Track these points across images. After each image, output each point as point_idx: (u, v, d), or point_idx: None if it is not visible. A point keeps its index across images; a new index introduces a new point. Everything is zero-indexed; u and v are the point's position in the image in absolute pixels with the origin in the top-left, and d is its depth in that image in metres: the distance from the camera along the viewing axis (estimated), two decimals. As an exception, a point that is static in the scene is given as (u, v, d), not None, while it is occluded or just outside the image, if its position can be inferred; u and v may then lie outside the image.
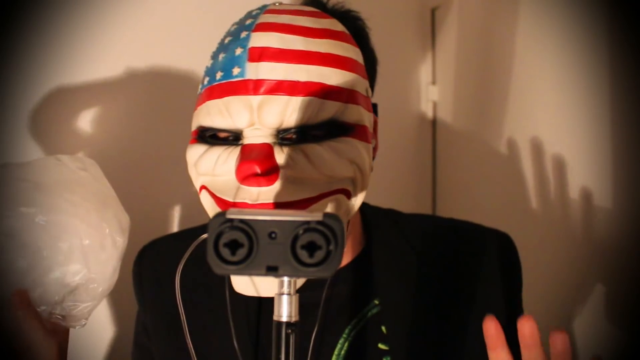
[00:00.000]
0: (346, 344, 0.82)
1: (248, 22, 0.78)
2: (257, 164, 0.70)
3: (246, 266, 0.54)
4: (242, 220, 0.54)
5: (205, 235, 0.56)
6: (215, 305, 0.84)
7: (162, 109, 1.14)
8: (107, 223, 0.77)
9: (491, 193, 1.26)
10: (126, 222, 0.81)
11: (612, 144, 0.94)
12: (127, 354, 0.97)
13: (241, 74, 0.74)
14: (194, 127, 0.80)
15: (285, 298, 0.57)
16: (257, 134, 0.73)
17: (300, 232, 0.54)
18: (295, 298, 0.58)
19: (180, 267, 0.67)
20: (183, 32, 1.13)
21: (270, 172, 0.71)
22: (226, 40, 0.78)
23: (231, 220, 0.54)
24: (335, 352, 0.82)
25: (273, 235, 0.54)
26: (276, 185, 0.72)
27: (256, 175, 0.70)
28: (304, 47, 0.75)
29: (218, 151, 0.75)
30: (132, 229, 0.82)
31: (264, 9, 0.80)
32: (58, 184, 0.77)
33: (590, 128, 0.98)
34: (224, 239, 0.54)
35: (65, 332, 0.78)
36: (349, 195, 0.77)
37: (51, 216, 0.74)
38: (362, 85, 0.79)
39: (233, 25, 0.81)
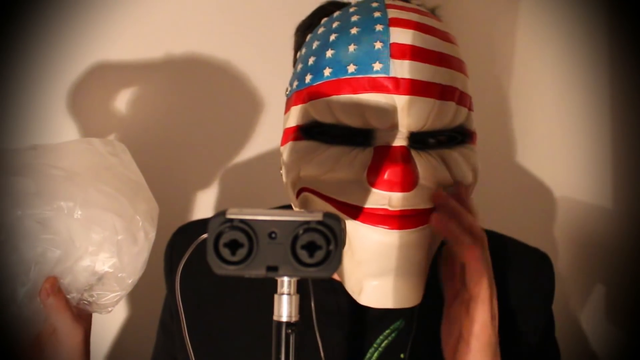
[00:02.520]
0: (375, 354, 0.81)
1: (376, 14, 0.73)
2: (402, 168, 0.66)
3: (246, 266, 0.54)
4: (242, 220, 0.54)
5: (205, 235, 0.56)
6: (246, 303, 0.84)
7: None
8: (140, 215, 0.77)
9: (490, 193, 1.26)
10: (155, 211, 0.81)
11: (612, 144, 0.94)
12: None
13: (384, 70, 0.68)
14: (297, 123, 0.74)
15: (285, 298, 0.57)
16: (395, 136, 0.69)
17: (300, 232, 0.54)
18: (295, 298, 0.57)
19: (181, 266, 0.66)
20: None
21: (412, 177, 0.67)
22: (353, 31, 0.72)
23: (231, 220, 0.54)
24: None
25: (273, 235, 0.54)
26: (414, 192, 0.68)
27: (396, 179, 0.66)
28: (443, 49, 0.72)
29: (340, 151, 0.70)
30: (159, 215, 0.82)
31: (382, 2, 0.75)
32: (89, 172, 0.77)
33: (590, 128, 0.98)
34: (223, 239, 0.53)
35: (89, 317, 0.81)
36: None
37: (87, 209, 0.74)
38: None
39: (350, 14, 0.75)
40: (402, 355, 0.81)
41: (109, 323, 1.09)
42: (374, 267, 0.70)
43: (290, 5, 0.99)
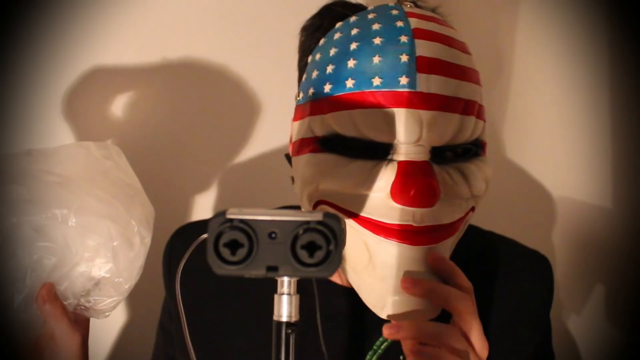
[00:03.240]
0: (375, 357, 0.81)
1: (399, 24, 0.72)
2: (427, 184, 0.66)
3: (246, 266, 0.53)
4: (242, 220, 0.54)
5: (205, 235, 0.56)
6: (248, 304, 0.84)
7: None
8: (135, 220, 0.77)
9: (490, 193, 1.26)
10: (151, 215, 0.81)
11: (612, 143, 0.94)
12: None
13: (411, 84, 0.68)
14: (315, 134, 0.73)
15: (285, 298, 0.57)
16: (417, 151, 0.68)
17: (300, 232, 0.53)
18: (295, 298, 0.57)
19: (181, 266, 0.66)
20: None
21: (437, 192, 0.67)
22: (376, 41, 0.71)
23: (231, 220, 0.54)
24: None
25: (273, 235, 0.54)
26: (436, 206, 0.68)
27: (422, 195, 0.66)
28: (464, 62, 0.72)
29: (362, 165, 0.69)
30: (154, 218, 0.82)
31: (401, 9, 0.75)
32: (84, 177, 0.77)
33: (590, 128, 0.98)
34: (223, 239, 0.53)
35: (87, 321, 0.81)
36: (473, 211, 0.76)
37: (81, 217, 0.74)
38: None
39: (370, 22, 0.73)
40: (401, 358, 0.80)
41: (107, 327, 1.09)
42: (398, 283, 0.70)
43: (288, 8, 0.99)
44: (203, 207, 1.11)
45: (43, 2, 1.00)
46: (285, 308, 0.57)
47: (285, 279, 0.57)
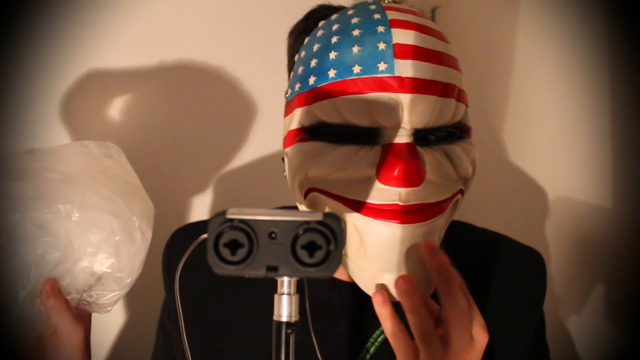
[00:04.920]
0: (372, 348, 0.82)
1: (376, 16, 0.75)
2: (411, 164, 0.68)
3: (246, 266, 0.54)
4: (242, 220, 0.54)
5: (205, 235, 0.56)
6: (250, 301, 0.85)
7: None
8: (136, 216, 0.78)
9: (490, 192, 1.26)
10: (151, 211, 0.82)
11: (612, 144, 0.94)
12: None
13: (389, 69, 0.70)
14: (301, 124, 0.75)
15: (285, 298, 0.57)
16: (400, 133, 0.71)
17: (300, 232, 0.54)
18: (295, 298, 0.58)
19: (181, 266, 0.66)
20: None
21: (421, 172, 0.69)
22: (355, 32, 0.73)
23: (231, 220, 0.54)
24: (361, 356, 0.82)
25: (273, 235, 0.54)
26: (422, 186, 0.70)
27: (407, 175, 0.68)
28: (441, 48, 0.74)
29: (348, 150, 0.72)
30: (154, 217, 0.83)
31: (379, 4, 0.78)
32: (86, 174, 0.78)
33: (590, 128, 0.98)
34: (223, 239, 0.54)
35: (89, 316, 0.82)
36: (462, 194, 0.78)
37: (84, 212, 0.75)
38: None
39: (350, 17, 0.76)
40: None
41: (109, 323, 1.09)
42: (388, 262, 0.72)
43: (283, 10, 0.99)
44: (201, 208, 1.12)
45: (42, 4, 1.01)
46: (285, 308, 0.57)
47: (285, 279, 0.57)
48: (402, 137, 0.71)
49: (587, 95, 0.99)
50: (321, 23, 0.80)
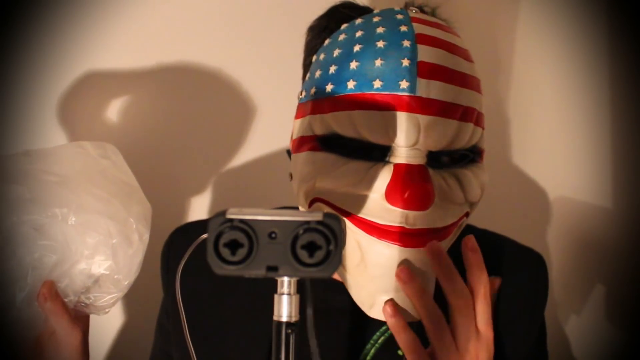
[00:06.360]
0: (372, 350, 0.82)
1: (402, 28, 0.72)
2: (422, 187, 0.67)
3: (246, 266, 0.53)
4: (242, 220, 0.54)
5: (205, 235, 0.56)
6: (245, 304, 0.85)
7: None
8: (134, 217, 0.78)
9: (490, 192, 1.26)
10: (149, 212, 0.81)
11: (612, 144, 0.94)
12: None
13: (410, 88, 0.68)
14: (315, 132, 0.73)
15: (285, 298, 0.57)
16: (414, 154, 0.69)
17: (300, 232, 0.53)
18: (295, 298, 0.57)
19: (181, 266, 0.66)
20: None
21: (431, 196, 0.68)
22: (379, 44, 0.71)
23: (231, 220, 0.54)
24: (361, 358, 0.82)
25: (273, 235, 0.54)
26: (430, 210, 0.69)
27: (416, 198, 0.67)
28: (466, 70, 0.73)
29: (359, 166, 0.70)
30: (152, 217, 0.82)
31: (406, 14, 0.75)
32: (82, 176, 0.78)
33: (590, 128, 0.98)
34: (223, 239, 0.53)
35: (87, 318, 0.82)
36: (467, 217, 0.77)
37: (81, 215, 0.75)
38: None
39: (375, 25, 0.74)
40: (399, 352, 0.81)
41: (107, 325, 1.09)
42: (388, 283, 0.71)
43: (283, 10, 0.99)
44: (199, 209, 1.12)
45: (41, 5, 1.00)
46: (285, 308, 0.57)
47: (285, 279, 0.57)
48: (416, 159, 0.69)
49: (587, 96, 0.99)
50: (344, 26, 0.78)
